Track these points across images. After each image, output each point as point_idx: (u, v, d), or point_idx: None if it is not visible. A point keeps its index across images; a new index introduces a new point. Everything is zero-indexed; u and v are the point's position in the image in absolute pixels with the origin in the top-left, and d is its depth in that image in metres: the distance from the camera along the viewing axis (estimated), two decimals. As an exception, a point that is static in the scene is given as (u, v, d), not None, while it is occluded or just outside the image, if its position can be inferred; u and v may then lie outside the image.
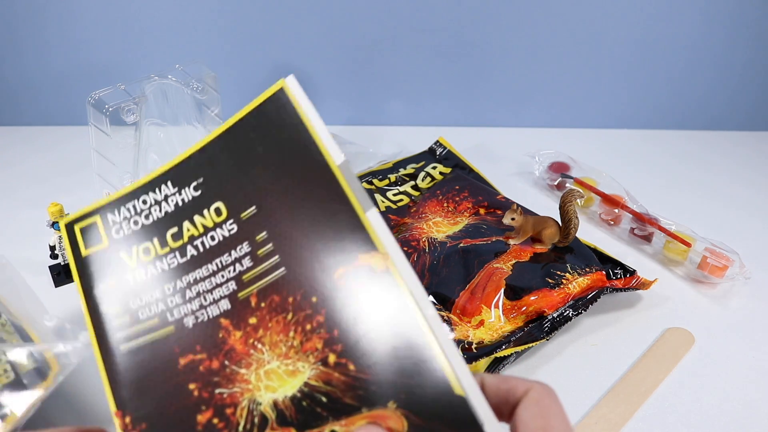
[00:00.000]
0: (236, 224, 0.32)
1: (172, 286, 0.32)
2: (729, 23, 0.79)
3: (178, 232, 0.33)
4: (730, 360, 0.46)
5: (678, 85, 0.84)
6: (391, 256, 0.29)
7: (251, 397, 0.29)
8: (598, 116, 0.86)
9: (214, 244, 0.32)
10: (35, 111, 0.82)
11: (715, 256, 0.54)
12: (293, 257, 0.30)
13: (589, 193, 0.65)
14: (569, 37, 0.79)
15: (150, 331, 0.32)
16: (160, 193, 0.34)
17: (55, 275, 0.53)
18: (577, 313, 0.46)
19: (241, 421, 0.29)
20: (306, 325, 0.29)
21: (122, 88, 0.57)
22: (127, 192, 0.35)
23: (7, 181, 0.68)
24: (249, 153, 0.32)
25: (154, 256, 0.33)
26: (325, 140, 0.31)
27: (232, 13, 0.76)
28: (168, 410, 0.30)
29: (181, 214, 0.33)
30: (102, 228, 0.35)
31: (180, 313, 0.32)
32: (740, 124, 0.87)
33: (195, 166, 0.34)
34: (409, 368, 0.27)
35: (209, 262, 0.32)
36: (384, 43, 0.79)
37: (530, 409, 0.25)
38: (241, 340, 0.30)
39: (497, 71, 0.81)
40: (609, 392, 0.42)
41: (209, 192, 0.33)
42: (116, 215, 0.35)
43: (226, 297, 0.31)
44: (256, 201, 0.32)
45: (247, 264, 0.31)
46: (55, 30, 0.76)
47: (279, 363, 0.29)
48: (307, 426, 0.28)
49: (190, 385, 0.30)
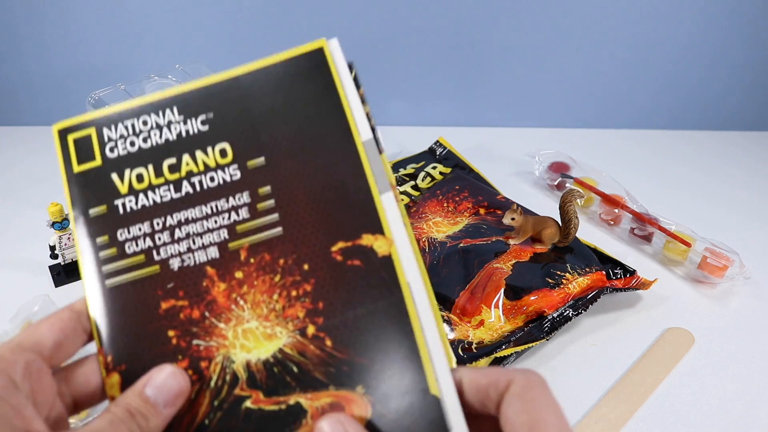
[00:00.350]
0: (240, 171, 0.31)
1: (161, 221, 0.31)
2: (729, 23, 0.79)
3: (175, 164, 0.31)
4: (730, 360, 0.46)
5: (678, 85, 0.84)
6: (395, 244, 0.28)
7: (226, 354, 0.29)
8: (598, 116, 0.86)
9: (212, 185, 0.31)
10: (35, 111, 0.82)
11: (715, 256, 0.54)
12: (293, 219, 0.29)
13: (589, 193, 0.65)
14: (569, 37, 0.79)
15: (135, 268, 0.30)
16: (163, 117, 0.32)
17: (55, 275, 0.53)
18: (577, 313, 0.46)
19: (213, 376, 0.29)
20: (292, 291, 0.29)
21: (122, 88, 0.57)
22: (127, 108, 0.32)
23: (7, 181, 0.68)
24: (270, 101, 0.31)
25: (147, 185, 0.31)
26: (356, 113, 0.30)
27: (232, 13, 0.76)
28: (147, 355, 0.29)
29: (183, 146, 0.31)
30: (96, 142, 0.33)
31: (167, 253, 0.30)
32: (740, 125, 0.87)
33: (206, 98, 0.32)
34: (387, 358, 0.27)
35: (204, 204, 0.30)
36: (384, 43, 0.79)
37: (513, 404, 0.23)
38: (224, 293, 0.29)
39: (497, 71, 0.81)
40: (609, 392, 0.42)
41: (217, 130, 0.31)
42: (112, 131, 0.32)
43: (216, 245, 0.30)
44: (267, 153, 0.30)
45: (243, 215, 0.30)
46: (55, 30, 0.76)
47: (258, 324, 0.29)
48: (274, 392, 0.28)
49: (170, 332, 0.29)
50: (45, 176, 0.69)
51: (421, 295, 0.27)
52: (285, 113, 0.31)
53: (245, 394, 0.28)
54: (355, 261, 0.28)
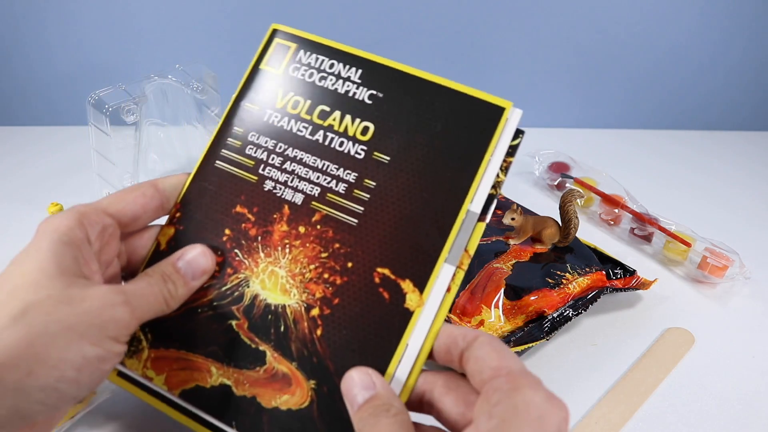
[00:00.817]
0: (365, 153, 0.32)
1: (284, 147, 0.33)
2: (729, 23, 0.79)
3: (326, 113, 0.34)
4: (730, 360, 0.46)
5: (678, 85, 0.84)
6: (423, 309, 0.29)
7: (248, 277, 0.31)
8: (598, 116, 0.86)
9: (339, 149, 0.33)
10: (35, 111, 0.82)
11: (715, 256, 0.54)
12: (371, 222, 0.31)
13: (589, 193, 0.65)
14: (569, 37, 0.79)
15: (241, 167, 0.33)
16: (347, 70, 0.34)
17: (55, 275, 0.53)
18: (577, 313, 0.46)
19: (228, 284, 0.31)
20: (326, 273, 0.31)
21: (122, 88, 0.57)
22: (326, 45, 0.35)
23: (7, 181, 0.68)
24: (431, 118, 0.32)
25: (296, 113, 0.34)
26: (484, 184, 0.30)
27: (232, 13, 0.76)
28: (201, 232, 0.32)
29: (342, 103, 0.34)
30: (289, 57, 0.35)
31: (269, 173, 0.33)
32: (740, 124, 0.87)
33: (388, 80, 0.33)
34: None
35: (321, 158, 0.33)
36: (384, 43, 0.79)
37: (484, 347, 0.26)
38: (281, 234, 0.32)
39: (497, 71, 0.81)
40: (609, 392, 0.42)
41: (376, 111, 0.33)
42: (306, 56, 0.35)
43: (304, 194, 0.32)
44: (394, 155, 0.32)
45: (340, 189, 0.32)
46: (55, 30, 0.76)
47: (285, 275, 0.31)
48: (256, 331, 0.30)
49: (226, 230, 0.32)
50: (45, 176, 0.69)
51: (409, 358, 0.28)
52: (433, 137, 0.32)
53: (237, 315, 0.31)
54: (385, 293, 0.30)
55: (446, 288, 0.29)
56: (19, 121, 0.82)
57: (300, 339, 0.30)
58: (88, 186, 0.65)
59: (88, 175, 0.63)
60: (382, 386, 0.27)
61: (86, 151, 0.61)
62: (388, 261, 0.30)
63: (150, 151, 0.66)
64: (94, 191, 0.63)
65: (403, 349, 0.28)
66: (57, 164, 0.71)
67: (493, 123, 0.31)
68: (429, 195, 0.30)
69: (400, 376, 0.28)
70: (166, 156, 0.68)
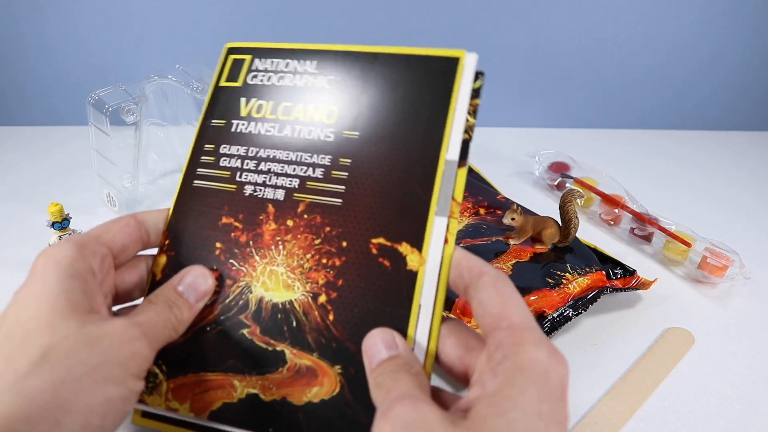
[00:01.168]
0: (334, 135, 0.33)
1: (255, 151, 0.34)
2: (729, 23, 0.79)
3: (290, 108, 0.34)
4: (730, 360, 0.46)
5: (678, 85, 0.84)
6: (426, 265, 0.29)
7: (248, 283, 0.31)
8: (598, 116, 0.86)
9: (308, 138, 0.33)
10: (35, 111, 0.82)
11: (715, 256, 0.53)
12: (354, 197, 0.31)
13: (589, 193, 0.65)
14: (569, 37, 0.79)
15: (219, 180, 0.34)
16: (302, 64, 0.35)
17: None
18: (577, 313, 0.46)
19: (230, 296, 0.31)
20: (323, 258, 0.31)
21: (122, 88, 0.57)
22: (279, 48, 0.36)
23: (7, 181, 0.68)
24: (388, 86, 0.33)
25: (261, 116, 0.34)
26: (455, 132, 0.30)
27: (232, 13, 0.76)
28: (192, 252, 0.32)
29: (303, 95, 0.34)
30: (246, 68, 0.36)
31: (247, 178, 0.33)
32: (740, 124, 0.87)
33: (342, 62, 0.34)
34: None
35: (293, 151, 0.33)
36: (384, 43, 0.78)
37: (488, 289, 0.26)
38: (271, 232, 0.32)
39: (497, 71, 0.81)
40: (609, 392, 0.42)
41: (336, 93, 0.34)
42: (261, 62, 0.36)
43: (285, 189, 0.32)
44: (362, 130, 0.32)
45: (317, 174, 0.32)
46: (55, 30, 0.76)
47: (284, 271, 0.31)
48: (268, 333, 0.30)
49: (217, 243, 0.32)
50: (45, 176, 0.69)
51: (425, 318, 0.28)
52: (396, 102, 0.32)
53: (247, 322, 0.31)
54: (385, 261, 0.30)
55: (443, 240, 0.29)
56: (19, 121, 0.82)
57: (315, 329, 0.30)
58: (88, 186, 0.65)
59: (88, 175, 0.63)
60: (405, 348, 0.27)
61: (86, 151, 0.61)
62: (380, 230, 0.30)
63: (150, 151, 0.66)
64: (94, 191, 0.63)
65: (417, 310, 0.28)
66: (57, 164, 0.71)
67: (451, 72, 0.31)
68: (405, 156, 0.31)
69: (420, 340, 0.28)
70: (166, 156, 0.68)
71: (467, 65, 0.31)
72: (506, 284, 0.26)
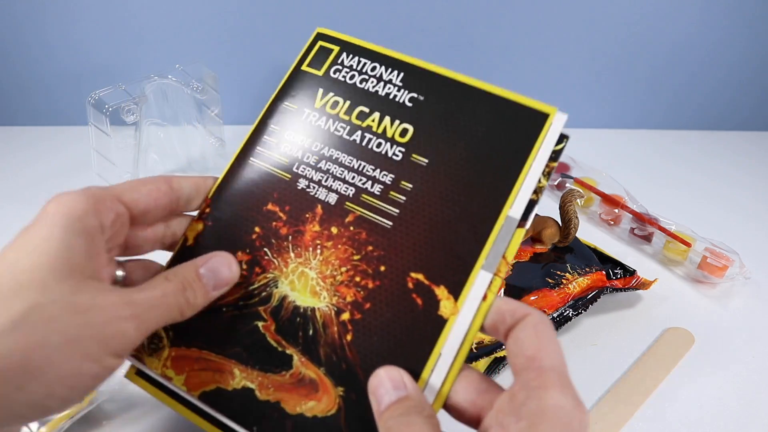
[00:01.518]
0: (403, 156, 0.32)
1: (319, 146, 0.33)
2: (729, 23, 0.79)
3: (365, 114, 0.33)
4: (730, 360, 0.46)
5: (677, 85, 0.84)
6: (458, 317, 0.28)
7: (276, 277, 0.31)
8: (598, 116, 0.86)
9: (376, 150, 0.32)
10: (35, 111, 0.82)
11: (715, 256, 0.54)
12: (406, 225, 0.30)
13: (589, 193, 0.65)
14: (569, 36, 0.79)
15: (275, 166, 0.33)
16: (388, 73, 0.34)
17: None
18: (577, 313, 0.46)
19: (255, 284, 0.31)
20: (357, 276, 0.30)
21: (122, 88, 0.57)
22: (369, 48, 0.35)
23: (7, 181, 0.68)
24: (471, 125, 0.32)
25: (334, 114, 0.34)
26: (524, 190, 0.29)
27: (232, 13, 0.76)
28: (230, 229, 0.32)
29: (381, 105, 0.33)
30: (331, 59, 0.35)
31: (303, 172, 0.33)
32: (740, 124, 0.87)
33: (430, 83, 0.33)
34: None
35: (357, 159, 0.32)
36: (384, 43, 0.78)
37: (527, 330, 0.26)
38: (312, 234, 0.31)
39: (497, 71, 0.81)
40: (609, 392, 0.42)
41: (416, 113, 0.33)
42: (348, 59, 0.35)
43: (338, 194, 0.32)
44: (433, 159, 0.31)
45: (375, 190, 0.31)
46: (55, 30, 0.76)
47: (315, 276, 0.30)
48: (283, 333, 0.29)
49: (256, 228, 0.32)
50: (45, 176, 0.69)
51: (442, 369, 0.27)
52: (475, 142, 0.31)
53: (264, 315, 0.30)
54: (419, 298, 0.29)
55: (482, 296, 0.28)
56: (19, 121, 0.82)
57: (329, 344, 0.29)
58: (88, 186, 0.65)
59: (88, 175, 0.63)
60: (414, 389, 0.26)
61: (86, 151, 0.61)
62: (422, 266, 0.29)
63: (150, 151, 0.66)
64: (94, 191, 0.63)
65: (437, 357, 0.27)
66: (57, 164, 0.71)
67: (537, 128, 0.31)
68: (467, 199, 0.29)
69: (434, 383, 0.27)
70: (166, 156, 0.68)
71: (555, 124, 0.31)
72: (546, 327, 0.26)
